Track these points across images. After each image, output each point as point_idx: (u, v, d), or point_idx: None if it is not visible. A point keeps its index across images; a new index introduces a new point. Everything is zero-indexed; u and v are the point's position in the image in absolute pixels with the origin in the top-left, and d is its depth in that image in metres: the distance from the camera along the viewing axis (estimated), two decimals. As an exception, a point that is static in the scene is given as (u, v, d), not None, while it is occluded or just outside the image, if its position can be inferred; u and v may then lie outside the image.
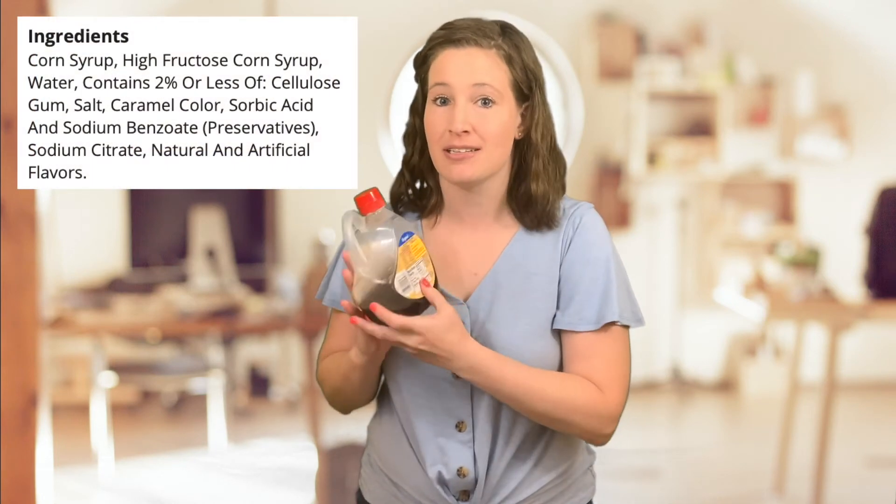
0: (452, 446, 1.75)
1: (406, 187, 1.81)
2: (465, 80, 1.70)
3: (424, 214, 1.82)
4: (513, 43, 1.73)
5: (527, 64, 1.74)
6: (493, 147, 1.71)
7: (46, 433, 3.34)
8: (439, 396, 1.75)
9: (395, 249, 1.61)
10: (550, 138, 1.78)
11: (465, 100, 1.70)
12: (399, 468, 1.79)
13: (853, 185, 7.27)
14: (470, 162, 1.70)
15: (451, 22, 1.75)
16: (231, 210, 6.06)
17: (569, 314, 1.73)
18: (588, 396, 1.70)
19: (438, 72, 1.72)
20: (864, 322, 4.50)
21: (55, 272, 6.53)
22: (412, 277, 1.62)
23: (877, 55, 7.45)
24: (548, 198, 1.75)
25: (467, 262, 1.77)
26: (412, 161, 1.79)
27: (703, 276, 7.40)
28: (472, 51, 1.71)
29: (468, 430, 1.74)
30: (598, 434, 1.73)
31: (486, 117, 1.70)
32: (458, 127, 1.68)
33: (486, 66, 1.71)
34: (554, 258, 1.75)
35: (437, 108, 1.72)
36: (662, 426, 6.61)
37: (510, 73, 1.72)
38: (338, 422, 5.33)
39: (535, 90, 1.75)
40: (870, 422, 6.62)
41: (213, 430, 5.84)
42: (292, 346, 6.94)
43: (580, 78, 7.31)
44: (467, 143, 1.69)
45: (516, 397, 1.67)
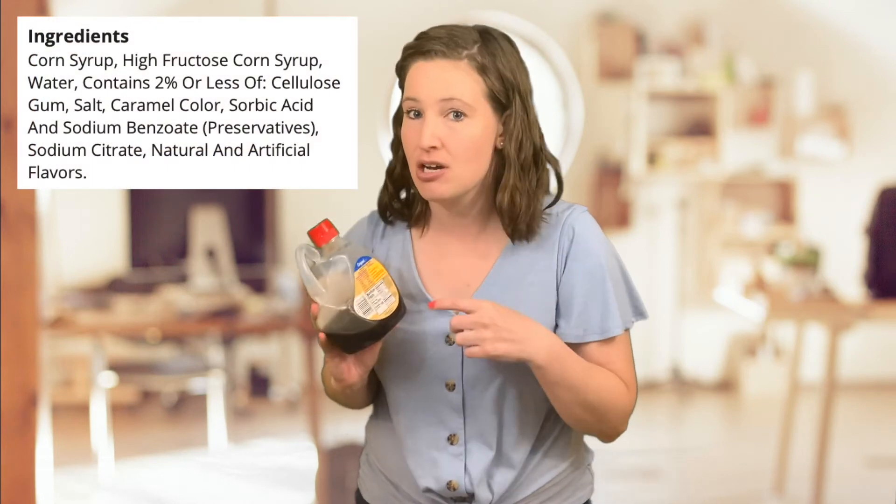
0: (444, 459, 1.73)
1: (390, 198, 1.79)
2: (434, 94, 1.67)
3: (413, 224, 1.80)
4: (488, 51, 1.69)
5: (503, 73, 1.69)
6: (462, 164, 1.67)
7: (46, 433, 3.34)
8: (432, 408, 1.73)
9: (351, 275, 1.62)
10: (531, 146, 1.72)
11: (433, 114, 1.67)
12: (396, 468, 1.79)
13: (853, 185, 7.26)
14: (440, 181, 1.67)
15: (425, 32, 1.71)
16: (231, 210, 6.06)
17: (574, 326, 1.71)
18: (623, 394, 1.71)
19: (409, 85, 1.70)
20: (864, 322, 4.50)
21: (55, 272, 6.53)
22: (372, 300, 1.63)
23: (877, 55, 7.45)
24: (521, 208, 1.70)
25: (459, 273, 1.75)
26: (395, 171, 1.78)
27: (703, 276, 7.40)
28: (441, 63, 1.67)
29: (460, 444, 1.73)
30: (617, 432, 1.74)
31: (455, 132, 1.67)
32: (425, 142, 1.66)
33: (456, 79, 1.67)
34: (549, 267, 1.72)
35: (411, 122, 1.70)
36: (662, 426, 6.60)
37: (484, 84, 1.68)
38: (338, 422, 5.33)
39: (512, 99, 1.70)
40: (870, 422, 6.62)
41: (213, 430, 5.84)
42: (292, 346, 6.94)
43: (580, 78, 7.31)
44: (436, 158, 1.67)
45: (577, 386, 1.66)
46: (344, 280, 1.62)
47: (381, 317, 1.63)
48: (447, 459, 1.73)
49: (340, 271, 1.63)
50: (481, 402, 1.72)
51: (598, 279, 1.71)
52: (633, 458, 5.51)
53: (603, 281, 1.71)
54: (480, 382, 1.71)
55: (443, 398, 1.73)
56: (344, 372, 1.68)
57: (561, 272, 1.72)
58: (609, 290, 1.71)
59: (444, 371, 1.72)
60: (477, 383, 1.71)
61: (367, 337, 1.64)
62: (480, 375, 1.71)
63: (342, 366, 1.68)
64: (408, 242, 1.79)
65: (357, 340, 1.64)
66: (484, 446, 1.73)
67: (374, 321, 1.62)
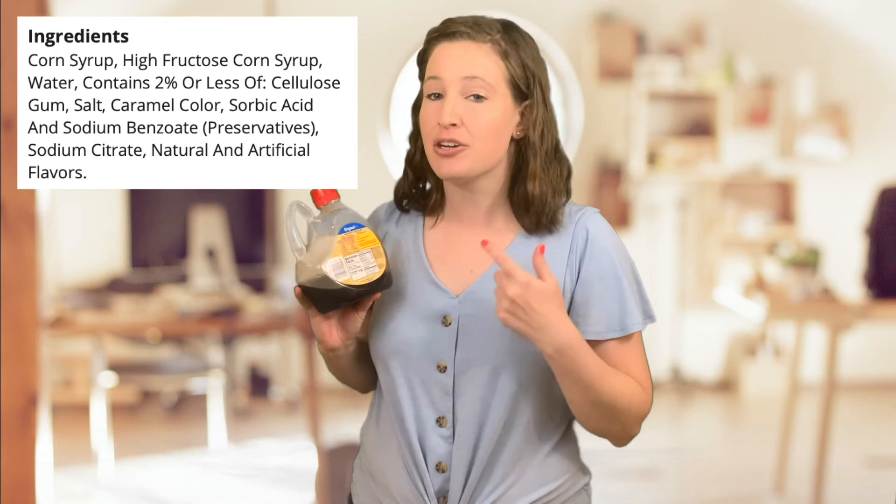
0: (433, 440, 1.74)
1: (410, 186, 1.81)
2: (456, 72, 1.69)
3: (427, 213, 1.82)
4: (511, 39, 1.72)
5: (524, 61, 1.72)
6: (482, 143, 1.69)
7: (46, 433, 3.34)
8: (423, 388, 1.74)
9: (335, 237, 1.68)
10: (552, 139, 1.75)
11: (455, 93, 1.69)
12: (385, 469, 1.78)
13: (853, 185, 7.26)
14: (459, 157, 1.69)
15: (451, 18, 1.75)
16: (231, 210, 6.06)
17: (593, 323, 1.72)
18: (639, 396, 1.72)
19: (432, 65, 1.72)
20: (864, 322, 4.50)
21: (55, 272, 6.53)
22: (351, 265, 1.68)
23: (877, 55, 7.45)
24: (545, 199, 1.73)
25: (465, 259, 1.76)
26: (414, 159, 1.80)
27: (703, 276, 7.40)
28: (465, 44, 1.71)
29: (448, 426, 1.73)
30: (630, 435, 1.74)
31: (476, 111, 1.69)
32: (446, 119, 1.68)
33: (479, 58, 1.70)
34: (559, 262, 1.73)
35: (431, 103, 1.72)
36: (662, 426, 6.60)
37: (506, 69, 1.71)
38: (338, 422, 5.33)
39: (533, 88, 1.73)
40: (870, 422, 6.62)
41: (213, 430, 5.84)
42: (292, 346, 6.94)
43: (580, 78, 7.31)
44: (455, 136, 1.68)
45: (591, 385, 1.65)
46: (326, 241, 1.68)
47: (354, 283, 1.67)
48: (436, 441, 1.74)
49: (326, 232, 1.69)
50: (471, 386, 1.72)
51: (615, 277, 1.72)
52: (633, 458, 5.51)
53: (619, 279, 1.72)
54: (472, 367, 1.72)
55: (434, 379, 1.73)
56: (325, 333, 1.73)
57: (575, 272, 1.73)
58: (626, 288, 1.73)
59: (438, 352, 1.73)
60: (468, 367, 1.72)
61: (337, 298, 1.68)
62: (472, 359, 1.71)
63: (323, 325, 1.72)
64: (420, 229, 1.81)
65: (327, 301, 1.69)
66: (475, 431, 1.72)
67: (344, 285, 1.67)
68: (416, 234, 1.80)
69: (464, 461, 1.73)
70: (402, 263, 1.78)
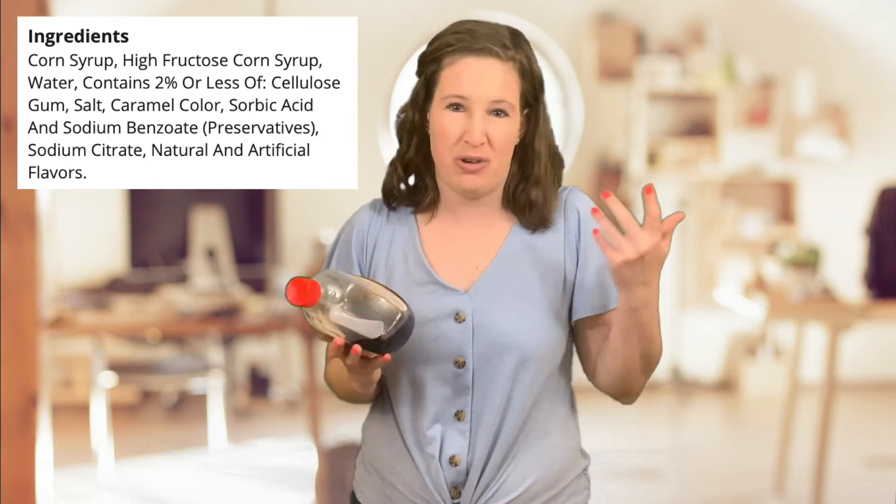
0: (450, 434, 1.75)
1: (398, 182, 1.81)
2: (485, 94, 1.71)
3: (419, 210, 1.82)
4: (525, 54, 1.75)
5: (536, 74, 1.76)
6: (500, 157, 1.73)
7: (46, 433, 3.34)
8: (439, 384, 1.75)
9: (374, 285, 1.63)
10: (552, 143, 1.81)
11: (482, 112, 1.71)
12: (393, 465, 1.79)
13: (853, 185, 7.26)
14: (481, 174, 1.72)
15: (467, 26, 1.74)
16: (231, 210, 6.06)
17: (598, 297, 1.76)
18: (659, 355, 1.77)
19: (456, 79, 1.72)
20: (864, 322, 4.50)
21: (55, 272, 6.53)
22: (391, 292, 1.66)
23: (877, 55, 7.45)
24: (548, 202, 1.78)
25: (467, 255, 1.78)
26: (407, 156, 1.80)
27: (703, 276, 7.40)
28: (491, 63, 1.72)
29: (466, 420, 1.75)
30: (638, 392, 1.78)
31: (497, 127, 1.72)
32: (477, 139, 1.70)
33: (506, 81, 1.72)
34: (556, 247, 1.77)
35: (451, 114, 1.72)
36: (662, 426, 6.60)
37: (522, 86, 1.74)
38: (338, 422, 5.33)
39: (540, 98, 1.77)
40: (870, 422, 6.62)
41: (213, 430, 5.84)
42: (292, 346, 6.94)
43: (580, 78, 7.31)
44: (482, 154, 1.71)
45: (653, 338, 1.71)
46: (373, 297, 1.61)
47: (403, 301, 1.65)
48: (453, 434, 1.75)
49: (362, 295, 1.61)
50: (492, 379, 1.74)
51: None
52: (632, 458, 5.51)
53: None
54: (491, 359, 1.73)
55: (452, 376, 1.74)
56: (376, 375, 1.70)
57: (574, 253, 1.77)
58: None
59: (455, 349, 1.74)
60: (487, 360, 1.74)
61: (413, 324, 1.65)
62: (491, 353, 1.73)
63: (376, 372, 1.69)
64: (414, 228, 1.81)
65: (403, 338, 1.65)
66: (493, 424, 1.74)
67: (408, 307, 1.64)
68: (412, 234, 1.80)
69: (483, 453, 1.75)
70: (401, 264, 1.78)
